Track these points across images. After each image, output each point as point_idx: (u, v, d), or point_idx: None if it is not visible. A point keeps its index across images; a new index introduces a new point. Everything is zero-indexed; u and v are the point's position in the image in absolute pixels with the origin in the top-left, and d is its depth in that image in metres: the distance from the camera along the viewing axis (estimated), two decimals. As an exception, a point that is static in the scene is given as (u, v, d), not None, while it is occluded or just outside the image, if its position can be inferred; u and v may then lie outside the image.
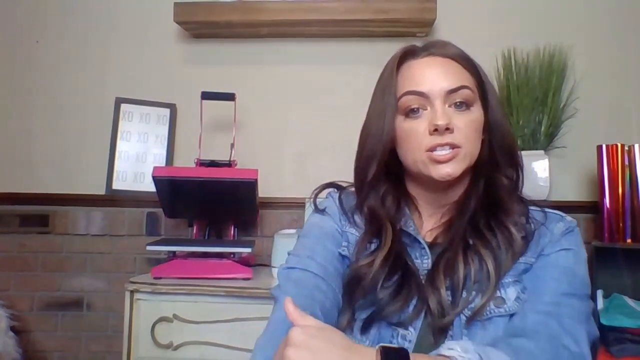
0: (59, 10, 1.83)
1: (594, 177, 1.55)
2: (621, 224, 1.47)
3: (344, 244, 0.78)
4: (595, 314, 1.36)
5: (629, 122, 1.68)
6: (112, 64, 1.81)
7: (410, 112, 0.72)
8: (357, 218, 0.79)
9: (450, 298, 0.69)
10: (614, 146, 1.49)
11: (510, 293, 0.68)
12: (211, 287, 1.31)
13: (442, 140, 0.69)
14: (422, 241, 0.75)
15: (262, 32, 1.74)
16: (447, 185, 0.75)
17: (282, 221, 1.70)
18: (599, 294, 1.44)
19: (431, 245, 0.75)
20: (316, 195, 0.83)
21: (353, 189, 0.82)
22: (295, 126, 1.76)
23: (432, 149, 0.70)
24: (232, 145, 1.59)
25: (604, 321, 1.34)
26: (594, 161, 1.52)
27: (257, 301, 1.29)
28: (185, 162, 1.71)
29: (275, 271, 1.43)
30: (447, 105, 0.71)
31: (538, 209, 0.76)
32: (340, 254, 0.77)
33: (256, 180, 1.43)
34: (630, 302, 1.40)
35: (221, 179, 1.43)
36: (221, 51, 1.80)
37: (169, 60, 1.80)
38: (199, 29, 1.73)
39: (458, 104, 0.71)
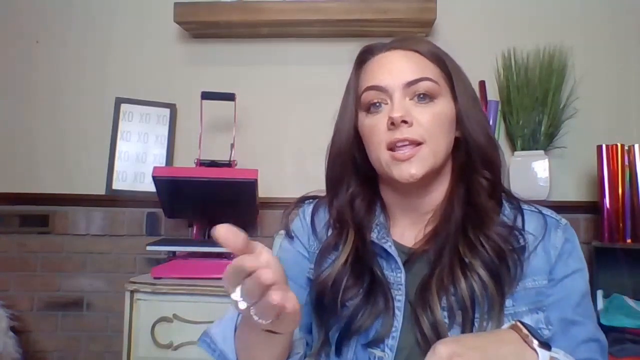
0: (59, 10, 1.83)
1: (594, 177, 1.55)
2: (621, 224, 1.47)
3: (311, 266, 0.75)
4: (595, 314, 1.36)
5: (629, 122, 1.68)
6: (112, 64, 1.81)
7: (372, 107, 0.70)
8: (330, 232, 0.75)
9: (447, 320, 0.64)
10: (614, 146, 1.49)
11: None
12: (211, 287, 1.31)
13: (400, 135, 0.66)
14: (391, 251, 0.70)
15: (262, 32, 1.74)
16: (419, 187, 0.70)
17: (282, 221, 1.70)
18: (599, 294, 1.44)
19: (415, 257, 0.70)
20: (288, 215, 0.80)
21: None
22: (295, 126, 1.76)
23: (392, 147, 0.67)
24: (232, 145, 1.59)
25: (604, 321, 1.34)
26: (594, 161, 1.52)
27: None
28: (185, 162, 1.70)
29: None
30: (408, 99, 0.68)
31: (535, 209, 0.72)
32: (309, 279, 0.75)
33: (256, 180, 1.43)
34: (630, 302, 1.40)
35: (221, 179, 1.43)
36: (221, 51, 1.80)
37: (169, 60, 1.80)
38: (199, 29, 1.73)
39: (421, 96, 0.68)
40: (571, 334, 0.66)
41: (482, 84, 1.64)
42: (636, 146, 1.49)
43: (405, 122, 0.66)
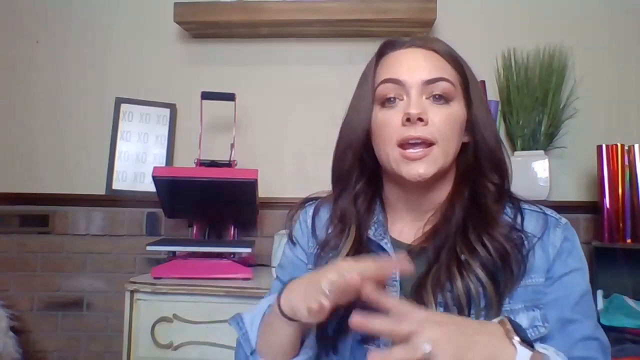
0: (59, 10, 1.83)
1: (594, 177, 1.55)
2: (621, 224, 1.47)
3: (310, 267, 0.76)
4: (596, 313, 1.36)
5: (629, 122, 1.68)
6: (112, 64, 1.81)
7: (386, 102, 0.70)
8: (330, 232, 0.75)
9: None
10: (614, 146, 1.49)
11: (521, 321, 0.64)
12: (211, 287, 1.31)
13: (414, 132, 0.66)
14: (387, 248, 0.71)
15: (262, 32, 1.74)
16: (424, 186, 0.70)
17: (282, 221, 1.68)
18: (599, 294, 1.44)
19: (413, 253, 0.69)
20: (291, 218, 0.81)
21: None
22: (295, 126, 1.76)
23: (404, 144, 0.66)
24: (232, 145, 1.59)
25: (604, 321, 1.34)
26: (594, 161, 1.52)
27: (257, 301, 1.26)
28: (185, 162, 1.70)
29: (275, 271, 1.43)
30: (424, 97, 0.68)
31: (536, 208, 0.72)
32: None
33: (256, 180, 1.43)
34: (630, 302, 1.40)
35: (221, 179, 1.43)
36: (221, 51, 1.80)
37: (169, 60, 1.80)
38: (199, 29, 1.73)
39: (436, 96, 0.68)
40: (568, 332, 0.66)
41: (482, 84, 1.64)
42: (636, 146, 1.49)
43: (421, 119, 0.66)
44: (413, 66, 0.70)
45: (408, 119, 0.66)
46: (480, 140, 0.70)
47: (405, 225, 0.74)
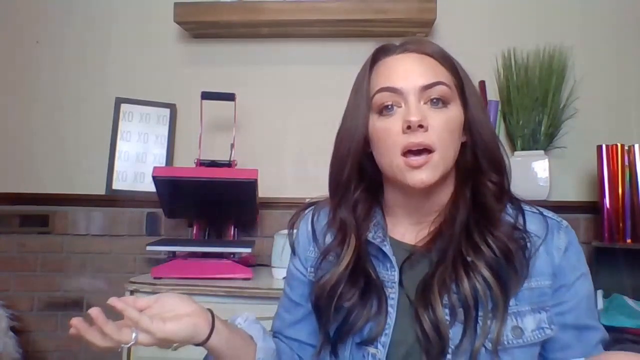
0: (59, 10, 1.83)
1: (594, 177, 1.55)
2: (621, 224, 1.47)
3: (311, 270, 0.77)
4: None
5: (629, 122, 1.68)
6: (112, 64, 1.81)
7: (384, 110, 0.69)
8: (329, 236, 0.75)
9: (448, 318, 0.64)
10: (614, 146, 1.49)
11: (527, 322, 0.65)
12: (211, 287, 1.31)
13: (415, 139, 0.65)
14: (386, 250, 0.71)
15: (262, 32, 1.74)
16: (426, 190, 0.70)
17: (282, 221, 1.70)
18: (599, 294, 1.44)
19: (417, 255, 0.70)
20: (292, 224, 0.81)
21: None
22: (295, 126, 1.76)
23: (406, 152, 0.66)
24: (232, 145, 1.59)
25: (604, 321, 1.33)
26: (594, 161, 1.52)
27: (257, 301, 1.29)
28: (185, 162, 1.70)
29: (275, 271, 1.43)
30: (422, 102, 0.67)
31: (536, 211, 0.72)
32: (310, 281, 0.77)
33: (256, 180, 1.43)
34: (630, 302, 1.40)
35: (221, 179, 1.43)
36: (221, 51, 1.80)
37: (169, 60, 1.80)
38: (199, 29, 1.73)
39: (434, 100, 0.68)
40: (586, 339, 0.69)
41: (482, 84, 1.64)
42: (636, 146, 1.49)
43: (421, 126, 0.66)
44: (409, 72, 0.69)
45: (409, 127, 0.66)
46: (477, 139, 0.70)
47: (408, 228, 0.74)
